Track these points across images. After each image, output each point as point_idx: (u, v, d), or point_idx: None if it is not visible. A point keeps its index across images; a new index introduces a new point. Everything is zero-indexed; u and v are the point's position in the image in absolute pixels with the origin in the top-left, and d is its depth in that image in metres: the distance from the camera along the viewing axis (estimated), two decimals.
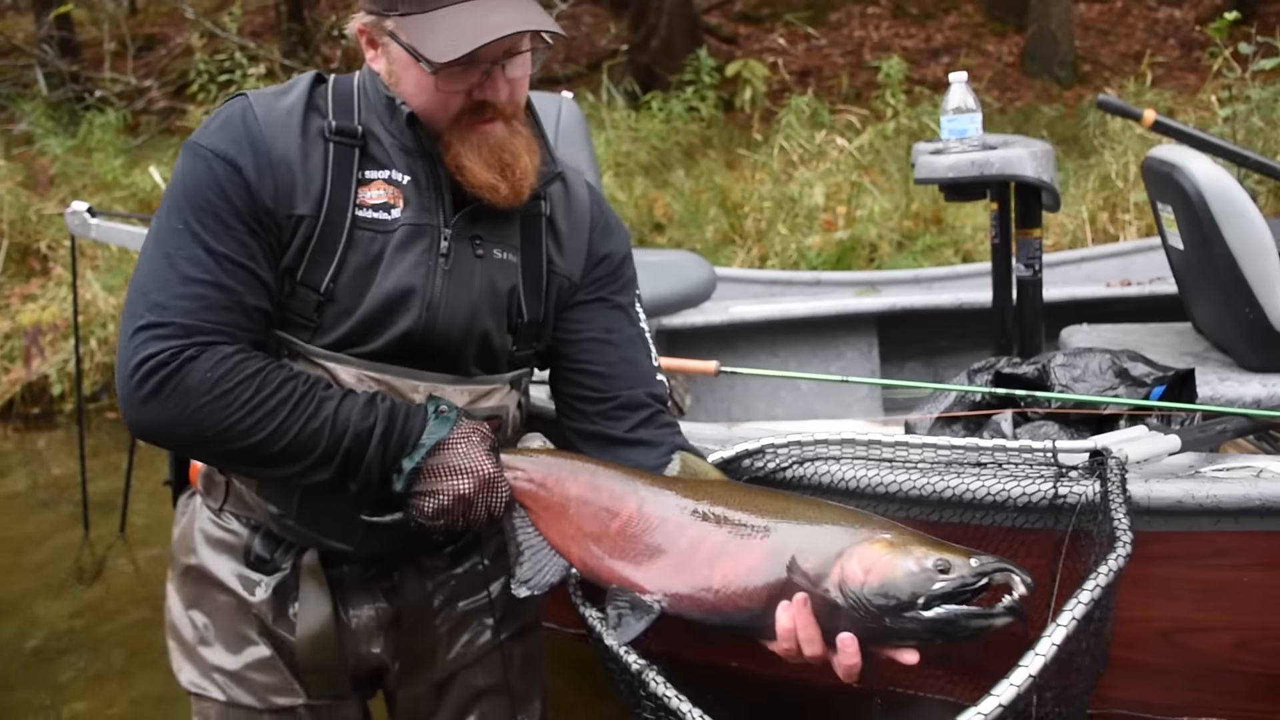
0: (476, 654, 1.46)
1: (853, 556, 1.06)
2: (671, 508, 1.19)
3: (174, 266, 1.18)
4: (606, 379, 1.38)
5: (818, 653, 1.07)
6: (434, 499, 1.20)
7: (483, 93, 1.22)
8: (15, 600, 2.98)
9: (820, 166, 5.07)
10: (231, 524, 1.38)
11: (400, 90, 1.24)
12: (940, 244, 4.47)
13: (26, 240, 5.25)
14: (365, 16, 1.24)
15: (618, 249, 1.44)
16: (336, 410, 1.19)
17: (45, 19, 7.84)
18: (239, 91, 1.29)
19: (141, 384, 1.15)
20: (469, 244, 1.30)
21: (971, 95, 2.40)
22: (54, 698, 2.45)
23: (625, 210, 5.11)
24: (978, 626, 1.03)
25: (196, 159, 1.21)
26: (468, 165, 1.23)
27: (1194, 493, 1.41)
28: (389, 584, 1.39)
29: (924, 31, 9.58)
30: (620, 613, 1.15)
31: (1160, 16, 9.06)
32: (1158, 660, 1.54)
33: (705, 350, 3.06)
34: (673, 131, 6.10)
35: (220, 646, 1.39)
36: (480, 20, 1.16)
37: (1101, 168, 4.68)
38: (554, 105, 3.14)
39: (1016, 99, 7.95)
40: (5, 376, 4.68)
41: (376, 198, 1.25)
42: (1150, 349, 2.36)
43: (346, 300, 1.24)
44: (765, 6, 9.79)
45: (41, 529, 3.42)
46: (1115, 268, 3.23)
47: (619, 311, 1.42)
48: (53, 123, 6.50)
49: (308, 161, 1.22)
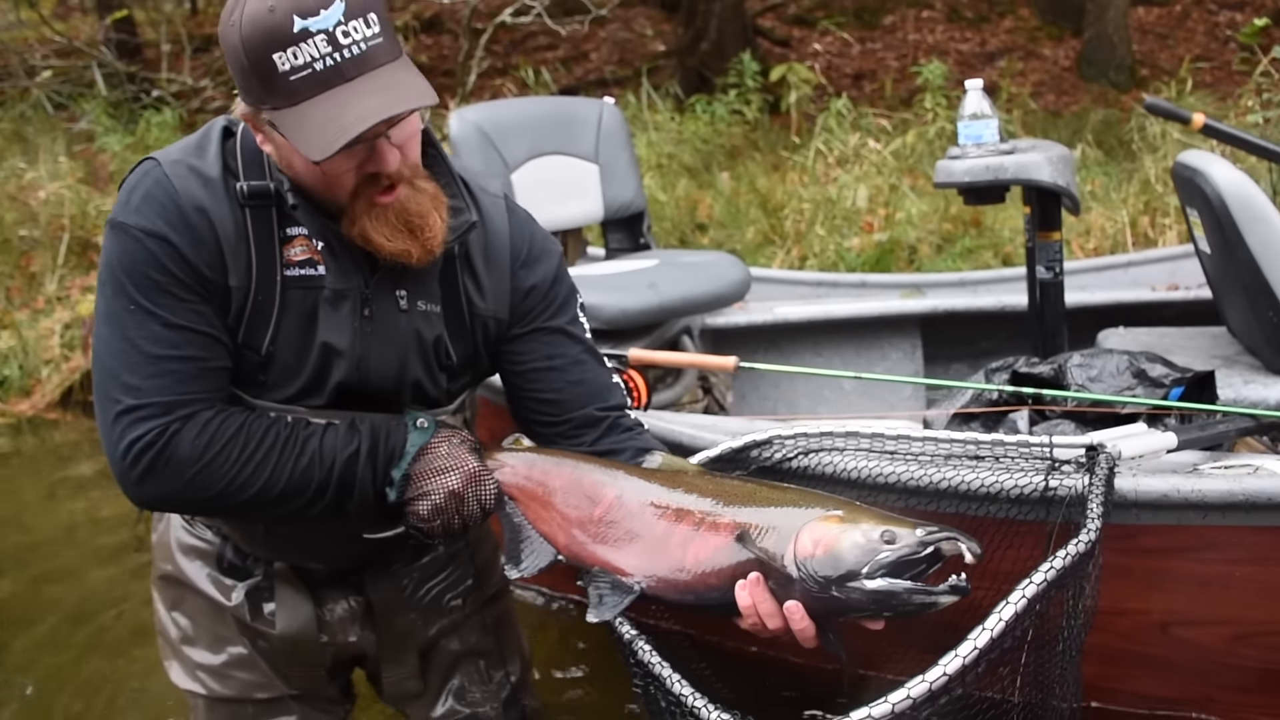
0: (453, 623, 1.53)
1: (805, 531, 1.11)
2: (648, 496, 1.25)
3: (137, 348, 1.20)
4: (558, 404, 1.41)
5: (780, 625, 1.12)
6: (427, 500, 1.26)
7: (374, 165, 1.20)
8: (72, 569, 3.13)
9: (857, 169, 5.07)
10: (204, 533, 1.45)
11: (293, 171, 1.24)
12: (979, 246, 4.43)
13: (86, 234, 5.45)
14: (244, 105, 1.22)
15: (545, 275, 1.41)
16: (321, 443, 1.25)
17: (105, 21, 8.12)
18: (148, 157, 1.27)
19: (134, 465, 1.19)
20: (393, 300, 1.31)
21: (988, 102, 2.44)
22: (104, 659, 2.58)
23: (667, 210, 5.16)
24: (920, 602, 1.07)
25: (128, 239, 1.21)
26: (375, 238, 1.23)
27: (1179, 487, 1.42)
28: (358, 578, 1.46)
29: (979, 35, 9.49)
30: (601, 593, 1.21)
31: (1221, 20, 8.87)
32: (1156, 652, 1.55)
33: (749, 349, 3.12)
34: (716, 134, 6.14)
35: (202, 646, 1.47)
36: (347, 109, 1.14)
37: (1142, 172, 4.62)
38: (595, 110, 3.25)
39: (1072, 103, 7.84)
40: (65, 364, 4.88)
41: (301, 254, 1.26)
42: (1182, 352, 2.37)
43: (288, 361, 1.28)
44: (819, 9, 9.78)
45: (99, 506, 3.57)
46: (1164, 272, 3.20)
47: (558, 335, 1.42)
48: (112, 121, 6.74)
49: (232, 231, 1.23)
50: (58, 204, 5.52)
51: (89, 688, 2.46)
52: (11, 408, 4.78)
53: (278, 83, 1.14)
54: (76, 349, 4.92)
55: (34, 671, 2.56)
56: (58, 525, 3.50)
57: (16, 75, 7.91)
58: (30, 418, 4.69)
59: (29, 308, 5.19)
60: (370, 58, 1.15)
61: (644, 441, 1.42)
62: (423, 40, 9.24)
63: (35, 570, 3.16)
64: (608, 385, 1.44)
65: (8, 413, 4.74)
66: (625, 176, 3.21)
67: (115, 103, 7.24)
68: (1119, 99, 7.56)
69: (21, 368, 4.89)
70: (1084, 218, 4.33)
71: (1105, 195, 4.61)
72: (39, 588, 3.04)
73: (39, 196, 5.59)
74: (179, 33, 8.07)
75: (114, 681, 2.47)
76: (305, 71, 1.13)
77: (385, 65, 1.17)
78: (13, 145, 6.50)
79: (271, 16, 1.12)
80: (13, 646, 2.70)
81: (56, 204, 5.52)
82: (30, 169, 5.89)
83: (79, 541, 3.33)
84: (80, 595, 2.95)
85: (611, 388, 1.45)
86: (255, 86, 1.16)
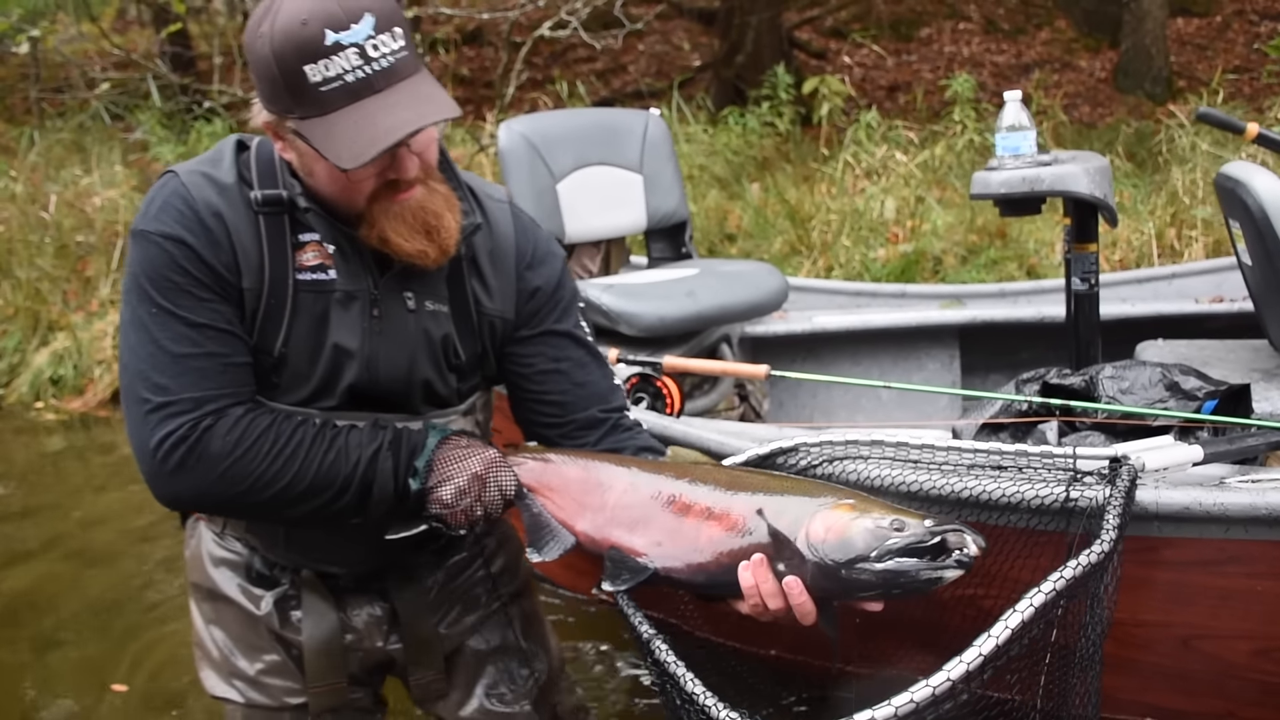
0: (477, 621, 1.56)
1: (817, 517, 1.16)
2: (662, 481, 1.31)
3: (163, 349, 1.24)
4: (562, 405, 1.45)
5: (780, 605, 1.16)
6: (451, 484, 1.29)
7: (394, 172, 1.25)
8: (115, 556, 3.27)
9: (884, 181, 5.09)
10: (233, 544, 1.48)
11: (314, 179, 1.28)
12: (1004, 258, 4.44)
13: None
14: (266, 114, 1.25)
15: (549, 278, 1.45)
16: (347, 440, 1.29)
17: (159, 35, 8.33)
18: (167, 170, 1.32)
19: (165, 460, 1.23)
20: (401, 301, 1.35)
21: (1026, 113, 2.42)
22: (140, 636, 2.71)
23: (697, 220, 5.22)
24: (927, 578, 1.11)
25: (149, 245, 1.25)
26: (393, 238, 1.27)
27: (1201, 500, 1.43)
28: (382, 585, 1.49)
29: (1015, 47, 9.44)
30: (617, 568, 1.27)
31: (1262, 30, 8.74)
32: (1176, 665, 1.56)
33: (788, 358, 3.15)
34: (748, 146, 6.18)
35: (237, 655, 1.49)
36: (377, 120, 1.18)
37: (1170, 184, 4.60)
38: (640, 122, 3.29)
39: (1106, 115, 7.78)
40: (116, 365, 5.02)
41: (312, 259, 1.30)
42: (1221, 365, 2.35)
43: (299, 364, 1.31)
44: (855, 22, 9.78)
45: (146, 501, 3.66)
46: (1208, 284, 3.16)
47: (563, 339, 1.46)
48: (166, 131, 6.93)
49: (246, 235, 1.27)
50: (113, 211, 5.71)
51: (122, 670, 2.55)
52: (65, 405, 4.95)
53: (308, 93, 1.18)
54: None
55: (68, 653, 2.66)
56: (104, 515, 3.63)
57: (77, 87, 8.16)
58: (82, 415, 4.87)
59: (84, 310, 5.37)
60: (397, 70, 1.20)
61: (644, 440, 1.48)
62: (464, 53, 9.37)
63: (81, 557, 3.29)
64: (610, 388, 1.49)
65: (62, 409, 4.92)
66: (669, 187, 3.25)
67: (169, 113, 7.43)
68: (1154, 111, 7.50)
69: (76, 367, 5.07)
70: (1110, 230, 4.31)
71: (1133, 207, 4.59)
72: (82, 572, 3.17)
73: (94, 204, 5.77)
74: (230, 45, 8.26)
75: (145, 665, 2.57)
76: (337, 83, 1.17)
77: (411, 77, 1.22)
78: (72, 154, 6.71)
79: (304, 30, 1.16)
80: (52, 627, 2.81)
81: (111, 211, 5.71)
82: (86, 176, 6.08)
83: (123, 531, 3.46)
84: (118, 581, 3.08)
85: (613, 390, 1.49)
86: (284, 96, 1.20)
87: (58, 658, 2.69)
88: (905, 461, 1.54)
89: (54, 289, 5.42)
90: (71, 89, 8.26)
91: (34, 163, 6.55)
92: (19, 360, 5.24)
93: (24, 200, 5.91)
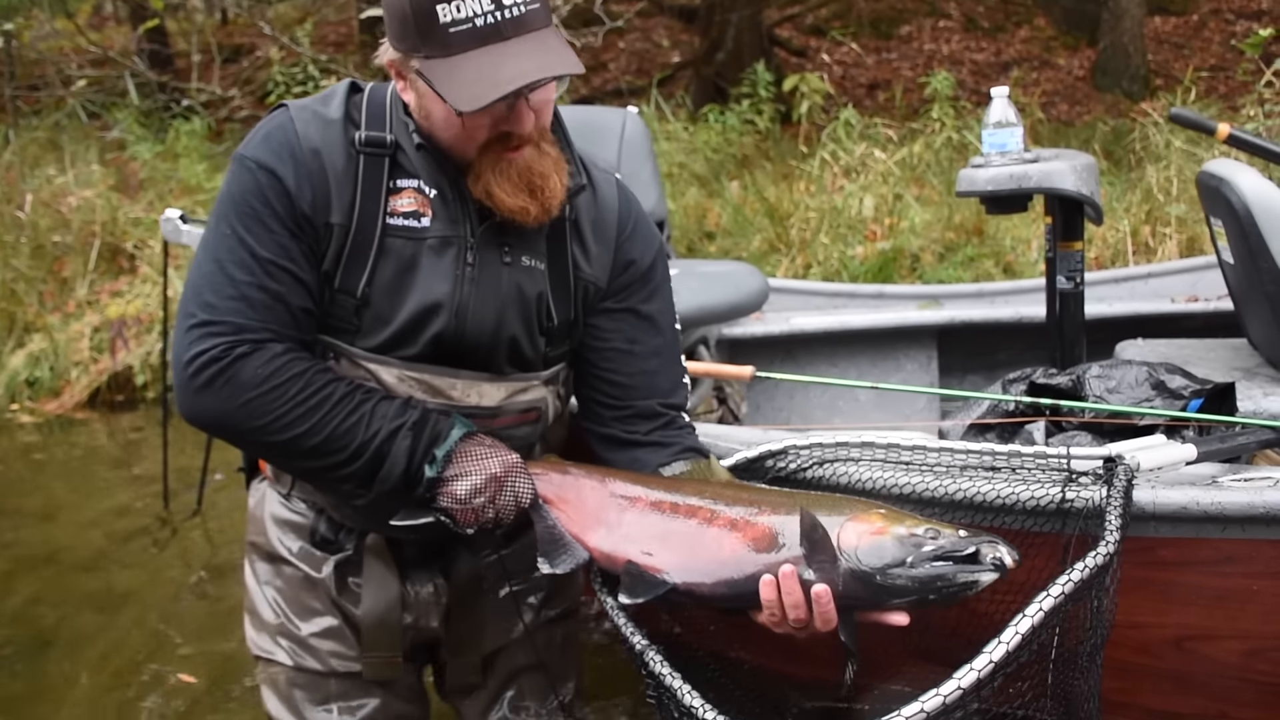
0: (520, 633, 1.54)
1: (850, 525, 1.15)
2: (681, 495, 1.29)
3: (223, 270, 1.25)
4: (625, 389, 1.43)
5: (801, 616, 1.15)
6: (467, 479, 1.27)
7: (509, 125, 1.25)
8: (95, 563, 3.21)
9: (863, 179, 5.11)
10: (299, 506, 1.46)
11: (429, 121, 1.28)
12: (981, 255, 4.48)
13: (116, 240, 5.54)
14: (391, 52, 1.27)
15: (645, 254, 1.46)
16: (374, 409, 1.26)
17: (137, 32, 8.24)
18: (280, 102, 1.35)
19: (196, 376, 1.23)
20: (497, 252, 1.34)
21: (1013, 109, 2.41)
22: (122, 651, 2.65)
23: (675, 219, 5.21)
24: (964, 581, 1.10)
25: (243, 170, 1.28)
26: (497, 192, 1.27)
27: (1199, 499, 1.42)
28: (445, 561, 1.47)
29: (994, 45, 9.49)
30: (633, 581, 1.24)
31: (1238, 29, 8.83)
32: (1169, 666, 1.55)
33: (766, 359, 3.13)
34: (727, 144, 6.18)
35: (290, 616, 1.47)
36: (501, 66, 1.18)
37: (1145, 182, 4.64)
38: (619, 119, 3.26)
39: (1085, 113, 7.83)
40: (94, 366, 4.96)
41: (407, 205, 1.30)
42: (1202, 364, 2.36)
43: (383, 306, 1.30)
44: (836, 20, 9.80)
45: (125, 503, 3.65)
46: (1184, 283, 3.19)
47: (645, 322, 1.45)
48: (143, 130, 6.86)
49: (342, 172, 1.28)
50: (89, 211, 5.63)
51: (107, 680, 2.51)
52: (41, 407, 4.89)
53: (437, 33, 1.18)
54: (105, 352, 5.01)
55: (54, 663, 2.61)
56: (82, 521, 3.57)
57: (53, 84, 8.06)
58: (59, 417, 4.80)
59: (60, 311, 5.29)
60: (527, 20, 1.20)
61: (692, 441, 1.45)
62: None
63: (60, 564, 3.23)
64: (677, 384, 1.48)
65: (38, 412, 4.85)
66: (647, 186, 3.22)
67: (146, 112, 7.36)
68: (1132, 109, 7.56)
69: (52, 369, 5.00)
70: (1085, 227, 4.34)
71: (1109, 205, 4.63)
72: (63, 580, 3.11)
73: (71, 203, 5.69)
74: (209, 43, 8.18)
75: (132, 674, 2.53)
76: (466, 25, 1.18)
77: (540, 30, 1.22)
78: (48, 153, 6.62)
79: None
80: (35, 637, 2.76)
81: (88, 211, 5.63)
82: (62, 176, 6.00)
83: (102, 537, 3.40)
84: (102, 588, 3.03)
85: (680, 387, 1.47)
86: (412, 34, 1.20)
87: (42, 658, 2.65)
88: (897, 464, 1.53)
89: (30, 290, 5.35)
90: (47, 86, 8.14)
91: (9, 161, 6.45)
92: None
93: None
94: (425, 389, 1.33)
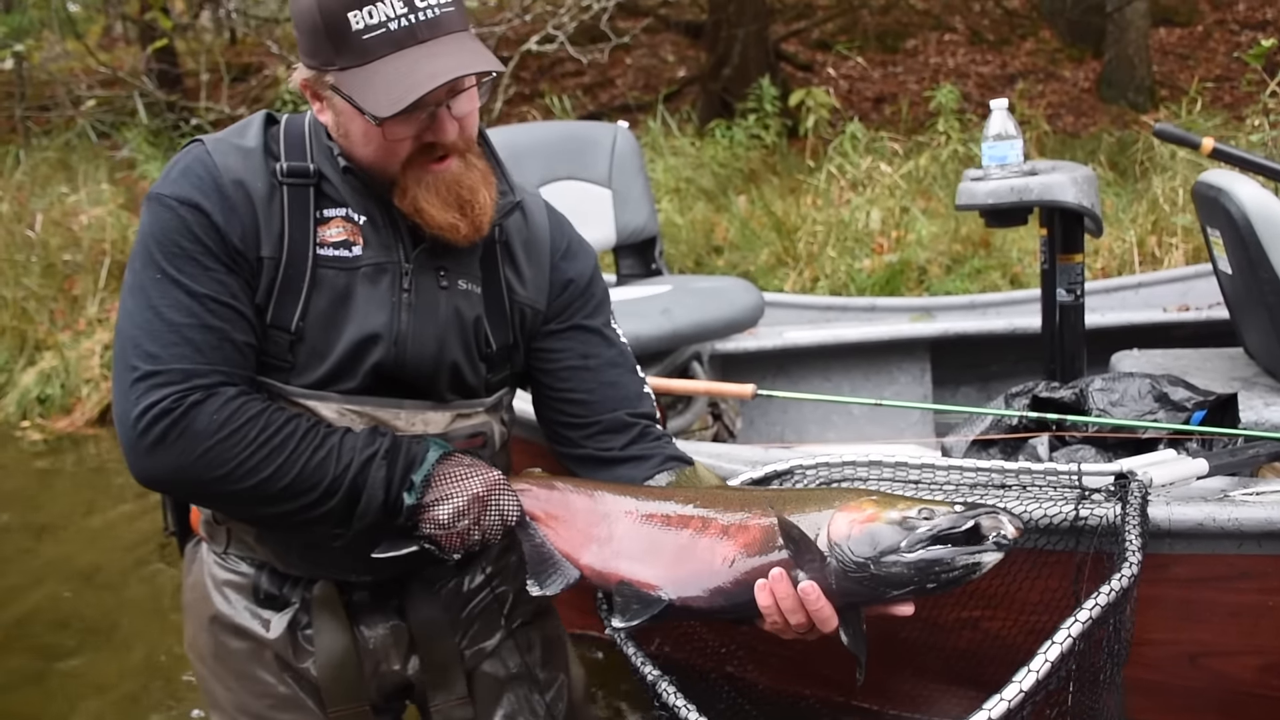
0: (494, 646, 1.48)
1: (839, 516, 1.10)
2: (672, 506, 1.24)
3: (160, 315, 1.17)
4: (588, 405, 1.38)
5: (803, 620, 1.10)
6: (449, 503, 1.21)
7: (432, 135, 1.20)
8: (105, 579, 3.23)
9: (869, 192, 5.11)
10: (238, 565, 1.38)
11: (348, 140, 1.23)
12: (988, 267, 4.47)
13: (126, 258, 5.57)
14: (305, 71, 1.22)
15: (582, 271, 1.41)
16: (341, 441, 1.20)
17: (146, 52, 8.32)
18: (194, 139, 1.28)
19: (146, 432, 1.14)
20: (433, 276, 1.29)
21: (1012, 122, 2.40)
22: (130, 668, 2.66)
23: (683, 233, 5.22)
24: (964, 564, 1.03)
25: (162, 208, 1.20)
26: (425, 208, 1.22)
27: (1215, 516, 1.41)
28: (399, 601, 1.40)
29: (999, 58, 9.51)
30: (627, 602, 1.19)
31: (1243, 40, 8.84)
32: (1183, 683, 1.54)
33: (759, 375, 3.10)
34: (734, 158, 6.19)
35: (242, 691, 1.40)
36: (418, 67, 1.14)
37: (1150, 193, 4.63)
38: (609, 135, 3.24)
39: (1090, 124, 7.84)
40: (104, 384, 4.99)
41: (336, 235, 1.25)
42: (1199, 374, 2.35)
43: (318, 340, 1.24)
44: (842, 34, 9.83)
45: (133, 520, 3.66)
46: (1175, 293, 3.19)
47: (593, 335, 1.41)
48: (152, 149, 6.90)
49: (267, 204, 1.22)
50: (99, 229, 5.66)
51: (114, 694, 2.52)
52: (52, 424, 4.91)
53: (350, 41, 1.15)
54: None
55: (58, 680, 2.62)
56: (92, 537, 3.59)
57: (63, 105, 8.13)
58: (70, 434, 4.81)
59: (71, 329, 5.32)
60: (443, 23, 1.16)
61: (672, 450, 1.40)
62: None
63: (68, 579, 3.24)
64: (639, 393, 1.43)
65: (48, 429, 4.87)
66: (638, 202, 3.20)
67: (155, 131, 7.40)
68: (1137, 120, 7.57)
69: (63, 386, 5.03)
70: (1093, 239, 4.34)
71: (1115, 216, 4.62)
72: (71, 596, 3.13)
73: (81, 222, 5.73)
74: (218, 62, 8.24)
75: (138, 689, 2.54)
76: (379, 30, 1.14)
77: (457, 33, 1.18)
78: (58, 173, 6.67)
79: None
80: (40, 652, 2.77)
81: (98, 229, 5.67)
82: (73, 195, 6.04)
83: (113, 550, 3.42)
84: (112, 604, 3.04)
85: (643, 396, 1.43)
86: (324, 46, 1.16)
87: (51, 675, 2.66)
88: (905, 482, 1.51)
89: (41, 308, 5.38)
90: (58, 107, 8.22)
91: (20, 181, 6.50)
92: (5, 380, 5.19)
93: (10, 219, 5.86)
94: (368, 421, 1.27)
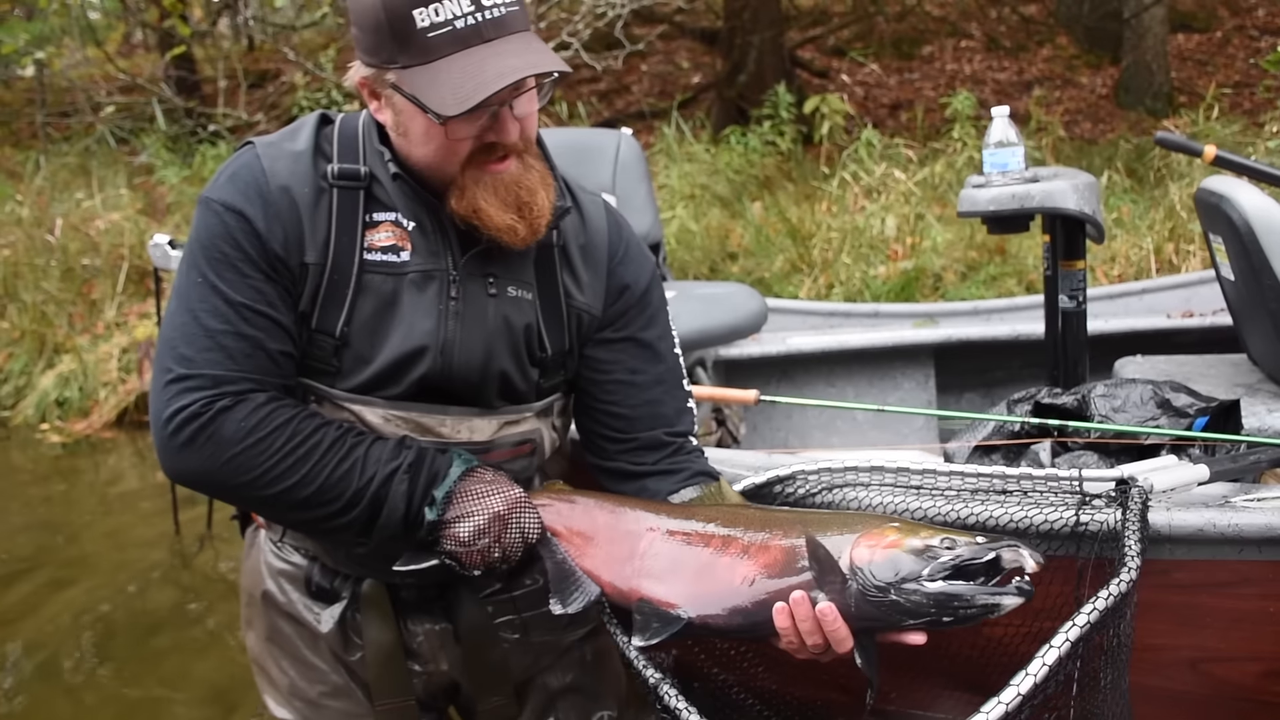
0: (552, 657, 1.48)
1: (862, 541, 1.10)
2: (694, 525, 1.24)
3: (197, 320, 1.19)
4: (629, 420, 1.37)
5: (819, 641, 1.09)
6: (469, 521, 1.21)
7: (493, 135, 1.19)
8: (121, 581, 3.26)
9: (884, 199, 5.11)
10: (291, 555, 1.41)
11: (408, 139, 1.22)
12: (1004, 274, 4.47)
13: (144, 263, 5.63)
14: (364, 69, 1.21)
15: (639, 278, 1.39)
16: (366, 453, 1.21)
17: (164, 59, 8.42)
18: (246, 140, 1.29)
19: (176, 434, 1.17)
20: (481, 283, 1.28)
21: (1014, 129, 2.41)
22: (146, 670, 2.68)
23: (698, 240, 5.24)
24: (983, 604, 1.03)
25: (209, 213, 1.22)
26: (484, 208, 1.21)
27: (1215, 521, 1.41)
28: (446, 602, 1.40)
29: (1016, 64, 9.48)
30: (648, 620, 1.18)
31: (1263, 45, 8.77)
32: (1185, 689, 1.54)
33: (762, 381, 3.10)
34: (749, 165, 6.20)
35: (297, 676, 1.42)
36: (483, 66, 1.13)
37: (1168, 200, 4.61)
38: (613, 141, 3.25)
39: (1108, 130, 7.80)
40: (122, 387, 5.05)
41: (384, 240, 1.24)
42: (1203, 380, 2.35)
43: (363, 346, 1.24)
44: (857, 41, 9.83)
45: (145, 521, 3.70)
46: (1179, 299, 3.18)
47: (645, 350, 1.39)
48: (170, 155, 6.99)
49: (314, 208, 1.22)
50: (118, 234, 5.74)
51: (135, 692, 2.55)
52: (70, 427, 4.97)
53: (414, 39, 1.13)
54: (133, 372, 5.10)
55: (68, 679, 2.65)
56: (109, 539, 3.63)
57: (82, 111, 8.24)
58: (87, 437, 4.88)
59: (89, 333, 5.40)
60: (508, 22, 1.16)
61: (701, 465, 1.40)
62: None
63: (88, 580, 3.28)
64: (681, 410, 1.42)
65: (67, 431, 4.93)
66: (642, 208, 3.19)
67: (174, 137, 7.50)
68: (1154, 126, 7.53)
69: (81, 389, 5.09)
70: (1109, 245, 4.35)
71: (1131, 223, 4.60)
72: (86, 597, 3.16)
73: (99, 227, 5.81)
74: (235, 69, 8.33)
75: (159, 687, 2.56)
76: (445, 29, 1.13)
77: (521, 32, 1.17)
78: (77, 178, 6.77)
79: None
80: (64, 650, 2.80)
81: (116, 234, 5.74)
82: (91, 200, 6.12)
83: (128, 554, 3.45)
84: (131, 603, 3.07)
85: (684, 413, 1.42)
86: (388, 44, 1.15)
87: (71, 674, 2.68)
88: (907, 488, 1.50)
89: (60, 312, 5.45)
90: (77, 113, 8.33)
91: (40, 187, 6.60)
92: (25, 383, 5.26)
93: (30, 224, 5.95)
94: (413, 427, 1.27)
